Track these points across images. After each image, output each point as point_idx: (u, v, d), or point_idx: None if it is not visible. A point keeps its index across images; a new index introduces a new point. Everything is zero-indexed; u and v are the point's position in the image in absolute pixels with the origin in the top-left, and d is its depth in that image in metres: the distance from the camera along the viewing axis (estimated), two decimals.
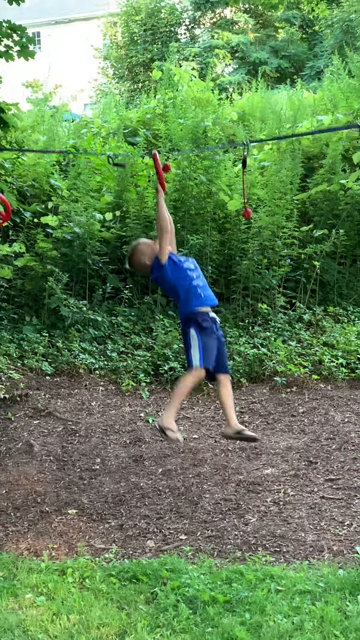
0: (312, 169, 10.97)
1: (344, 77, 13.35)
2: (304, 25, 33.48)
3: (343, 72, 13.66)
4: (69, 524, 5.60)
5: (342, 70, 13.75)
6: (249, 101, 13.93)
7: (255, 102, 13.69)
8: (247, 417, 7.72)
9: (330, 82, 13.93)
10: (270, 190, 9.99)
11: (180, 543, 5.29)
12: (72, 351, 8.81)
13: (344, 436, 7.06)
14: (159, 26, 31.16)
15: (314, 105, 12.68)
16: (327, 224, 10.33)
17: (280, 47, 31.67)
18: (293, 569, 4.79)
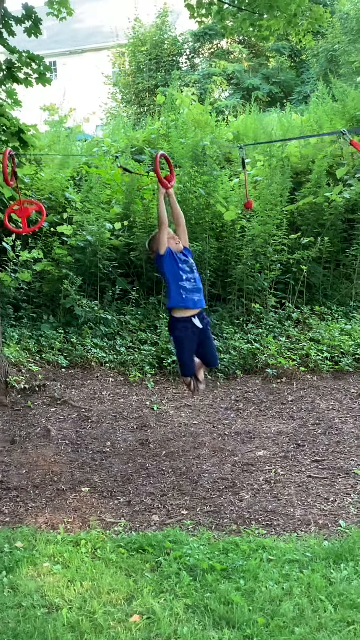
0: (300, 183, 10.94)
1: (328, 101, 13.31)
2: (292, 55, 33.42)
3: (327, 97, 13.63)
4: (82, 500, 5.59)
5: (327, 95, 13.72)
6: (243, 122, 13.88)
7: (249, 123, 13.63)
8: (242, 405, 7.70)
9: (316, 105, 13.90)
10: (262, 202, 9.96)
11: (182, 517, 5.28)
12: (85, 346, 8.80)
13: (329, 422, 7.06)
14: (163, 56, 31.08)
15: (301, 126, 12.63)
16: (313, 232, 10.31)
17: (271, 74, 31.61)
18: (283, 541, 4.79)
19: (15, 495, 5.67)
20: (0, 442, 6.70)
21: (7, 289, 9.27)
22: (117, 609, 3.99)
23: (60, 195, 10.44)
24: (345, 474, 5.88)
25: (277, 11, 9.43)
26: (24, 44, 9.15)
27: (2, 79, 8.86)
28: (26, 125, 9.30)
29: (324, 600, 3.98)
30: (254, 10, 9.51)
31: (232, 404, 7.78)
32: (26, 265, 9.61)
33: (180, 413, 7.52)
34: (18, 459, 6.33)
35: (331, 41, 27.38)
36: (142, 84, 30.26)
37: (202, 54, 33.77)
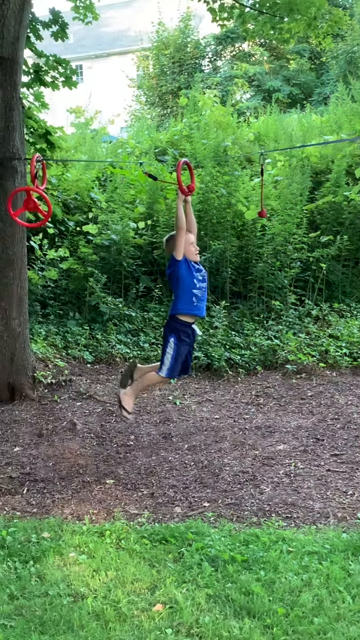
0: (320, 182, 10.89)
1: (348, 102, 13.25)
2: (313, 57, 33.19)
3: (347, 98, 13.56)
4: (107, 492, 5.60)
5: (346, 96, 13.65)
6: (264, 124, 13.85)
7: (270, 124, 13.61)
8: (262, 400, 7.68)
9: (336, 106, 13.84)
10: (283, 201, 9.93)
11: (204, 509, 5.28)
12: (110, 342, 8.82)
13: (348, 417, 7.02)
14: (186, 59, 31.03)
15: (321, 126, 12.59)
16: (333, 231, 10.25)
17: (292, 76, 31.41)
18: (302, 533, 4.76)
19: (43, 487, 5.70)
20: (28, 436, 6.73)
21: (35, 286, 9.31)
22: (141, 599, 4.00)
23: (86, 196, 10.47)
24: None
25: (298, 14, 9.38)
26: (51, 48, 9.20)
27: (30, 82, 8.92)
28: (53, 127, 9.35)
29: (342, 592, 3.96)
30: (275, 14, 9.47)
31: (253, 399, 7.76)
32: (53, 263, 9.65)
33: (202, 408, 7.52)
34: (45, 451, 6.36)
35: (351, 43, 27.14)
36: (166, 86, 30.23)
37: (224, 57, 33.65)
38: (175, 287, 5.73)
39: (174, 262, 5.61)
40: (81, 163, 11.14)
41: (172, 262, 5.66)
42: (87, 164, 11.16)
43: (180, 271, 5.59)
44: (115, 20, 43.33)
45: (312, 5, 9.18)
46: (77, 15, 10.41)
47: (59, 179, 10.61)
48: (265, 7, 9.46)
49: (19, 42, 6.84)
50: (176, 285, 5.69)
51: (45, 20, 9.08)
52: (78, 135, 13.50)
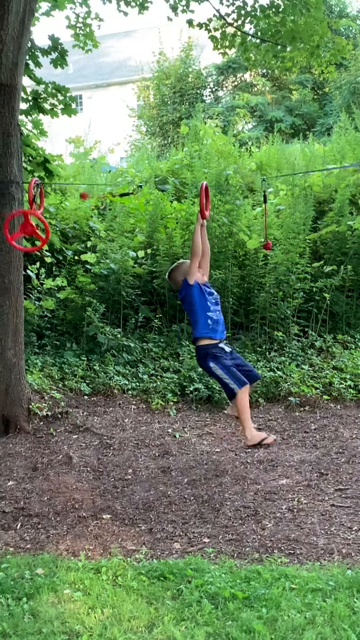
0: (323, 212, 10.96)
1: (351, 131, 13.39)
2: (315, 87, 33.63)
3: (350, 127, 13.71)
4: (104, 528, 5.55)
5: (350, 126, 13.80)
6: (266, 153, 13.98)
7: (272, 154, 13.73)
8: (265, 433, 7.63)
9: (339, 135, 13.98)
10: (285, 230, 9.98)
11: (204, 545, 5.23)
12: (108, 373, 8.80)
13: (352, 450, 6.98)
14: (187, 89, 31.41)
15: (324, 156, 12.70)
16: (336, 261, 10.28)
17: (294, 106, 31.79)
18: (306, 569, 4.71)
19: (37, 522, 5.64)
20: (23, 469, 6.68)
21: (31, 316, 9.33)
22: (138, 637, 3.94)
23: (84, 224, 10.54)
24: None
25: (300, 43, 9.52)
26: (51, 78, 9.34)
27: (28, 110, 9.02)
28: (52, 156, 9.44)
29: (347, 630, 3.90)
30: (277, 42, 9.61)
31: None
32: (50, 293, 9.67)
33: (202, 441, 7.48)
34: (40, 485, 6.31)
35: (354, 74, 27.52)
36: (167, 116, 30.58)
37: (225, 87, 34.10)
38: (189, 312, 5.91)
39: (186, 286, 5.73)
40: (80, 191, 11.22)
41: (184, 287, 5.78)
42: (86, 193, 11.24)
43: (193, 294, 5.72)
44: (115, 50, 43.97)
45: (314, 34, 9.33)
46: (77, 43, 10.57)
47: (57, 208, 10.69)
48: (268, 35, 9.61)
49: (17, 68, 6.93)
50: (190, 309, 5.84)
51: (44, 47, 9.21)
52: (77, 165, 13.62)
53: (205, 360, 6.03)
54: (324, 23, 9.22)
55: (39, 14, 9.59)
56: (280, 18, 9.33)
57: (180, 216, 10.22)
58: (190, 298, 5.78)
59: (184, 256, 9.76)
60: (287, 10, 9.17)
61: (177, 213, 10.31)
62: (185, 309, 6.19)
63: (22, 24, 6.86)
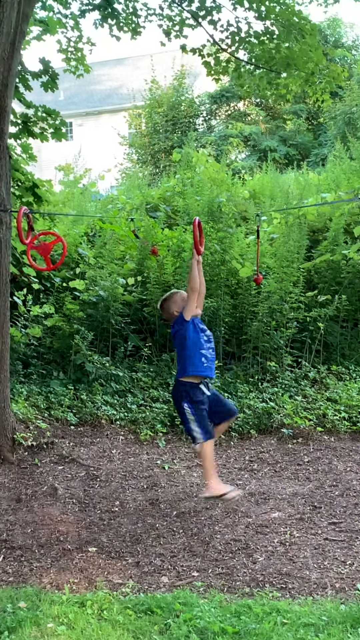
0: (317, 241, 11.04)
1: (346, 160, 13.54)
2: (310, 117, 34.07)
3: (345, 156, 13.87)
4: (89, 561, 5.50)
5: (344, 155, 13.96)
6: (260, 181, 14.11)
7: (265, 182, 13.86)
8: (256, 466, 7.62)
9: (333, 165, 14.14)
10: (279, 259, 10.05)
11: (193, 579, 5.19)
12: (95, 403, 8.78)
13: (346, 483, 6.97)
14: (179, 117, 31.74)
15: (318, 184, 12.83)
16: (331, 290, 10.34)
17: (288, 136, 32.17)
18: (298, 604, 4.68)
19: (20, 555, 5.59)
20: (6, 501, 6.63)
21: (17, 344, 9.31)
22: None
23: (73, 251, 10.57)
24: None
25: (295, 69, 9.67)
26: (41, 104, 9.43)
27: (17, 133, 9.09)
28: (41, 181, 9.50)
29: None
30: (271, 69, 9.76)
31: (246, 464, 7.70)
32: (37, 320, 9.68)
33: (192, 473, 7.45)
34: (23, 517, 6.26)
35: (349, 104, 27.90)
36: (158, 144, 30.85)
37: (219, 116, 34.48)
38: (181, 348, 5.84)
39: (182, 322, 5.72)
40: (69, 218, 11.29)
41: (179, 322, 5.77)
42: (76, 219, 11.31)
43: (187, 331, 5.72)
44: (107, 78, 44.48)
45: (309, 61, 9.48)
46: (69, 67, 10.70)
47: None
48: (262, 61, 9.76)
49: (7, 90, 7.01)
50: (182, 346, 5.80)
51: (35, 71, 9.32)
52: (66, 192, 13.70)
53: (181, 399, 6.01)
54: (319, 50, 9.38)
55: (29, 38, 9.73)
56: (274, 44, 9.48)
57: (172, 243, 10.27)
58: (184, 334, 5.77)
59: (175, 284, 9.81)
60: (281, 36, 9.32)
61: (168, 240, 10.37)
62: (176, 344, 6.10)
63: (12, 46, 6.95)
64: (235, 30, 9.65)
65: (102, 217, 11.21)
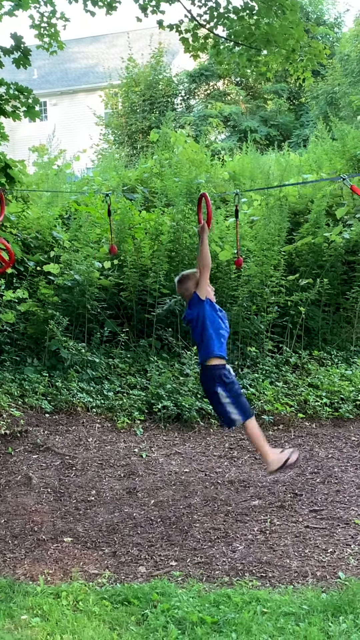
0: (298, 223, 11.04)
1: (328, 141, 13.54)
2: (291, 97, 34.01)
3: (327, 136, 13.86)
4: (64, 551, 5.50)
5: (326, 135, 13.95)
6: (239, 162, 14.08)
7: (245, 163, 13.83)
8: (236, 453, 7.66)
9: (315, 145, 14.14)
10: (259, 242, 10.04)
11: (171, 569, 5.20)
12: (71, 390, 8.75)
13: (328, 470, 7.01)
14: (157, 97, 31.55)
15: (299, 165, 12.83)
16: (312, 274, 10.36)
17: (269, 116, 32.11)
18: (278, 593, 4.71)
19: None
20: None
21: None
22: None
23: (47, 234, 10.50)
24: (345, 524, 5.82)
25: (275, 46, 9.61)
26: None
27: None
28: (13, 161, 9.38)
29: None
30: (251, 45, 9.69)
31: (226, 451, 7.73)
32: (10, 305, 9.61)
33: (170, 461, 7.46)
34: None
35: (331, 83, 27.91)
36: (136, 125, 30.67)
37: (198, 96, 34.33)
38: (202, 330, 5.62)
39: (198, 303, 5.57)
40: (43, 200, 11.20)
41: (194, 302, 5.60)
42: (50, 201, 11.22)
43: (206, 312, 5.59)
44: (83, 56, 44.09)
45: (290, 37, 9.42)
46: (42, 44, 10.57)
47: (19, 217, 10.64)
48: (241, 38, 9.69)
49: None
50: (203, 328, 5.61)
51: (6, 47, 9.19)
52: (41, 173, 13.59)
53: (214, 384, 5.68)
54: (300, 26, 9.33)
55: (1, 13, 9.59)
56: (254, 20, 9.41)
57: (149, 226, 10.23)
58: (203, 315, 5.62)
59: (153, 268, 9.78)
60: (261, 12, 9.26)
61: (145, 223, 10.32)
62: (195, 327, 5.85)
63: None
64: (213, 5, 9.57)
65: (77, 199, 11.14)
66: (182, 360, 9.37)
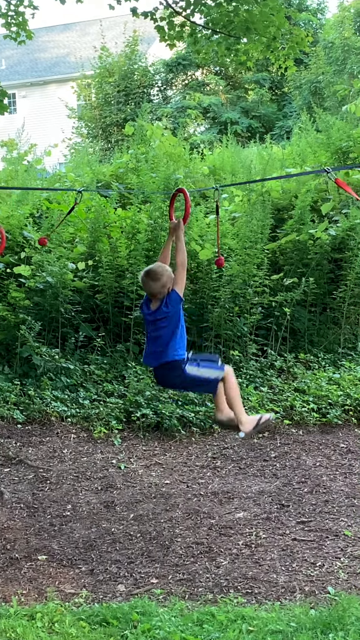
0: (282, 219, 11.07)
1: (312, 133, 13.59)
2: (273, 87, 34.13)
3: (311, 128, 13.91)
4: (39, 570, 5.49)
5: (310, 127, 14.01)
6: (220, 156, 14.11)
7: (226, 157, 13.86)
8: (220, 463, 7.66)
9: (299, 137, 14.18)
10: (241, 240, 10.06)
11: (151, 587, 5.21)
12: (44, 399, 8.72)
13: (316, 479, 7.03)
14: (132, 87, 31.57)
15: (283, 159, 12.86)
16: (297, 273, 10.39)
17: (251, 107, 32.21)
18: (265, 610, 4.72)
19: None
20: None
21: None
22: None
23: (17, 234, 10.45)
24: (334, 536, 5.85)
25: (255, 34, 9.66)
26: None
27: None
28: None
29: None
30: (230, 33, 9.74)
31: (209, 461, 7.73)
32: None
33: (150, 472, 7.46)
34: None
35: (315, 72, 28.05)
36: (110, 117, 30.66)
37: (175, 86, 34.39)
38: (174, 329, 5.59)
39: (178, 301, 5.55)
40: (12, 198, 11.17)
41: (175, 301, 5.57)
42: (20, 199, 11.18)
43: (181, 312, 5.59)
44: (53, 45, 44.01)
45: (271, 25, 9.47)
46: (9, 33, 10.57)
47: None
48: (219, 26, 9.73)
49: None
50: (177, 327, 5.59)
51: None
52: (9, 169, 13.54)
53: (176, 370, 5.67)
54: (281, 13, 9.38)
55: None
56: (233, 7, 9.45)
57: (126, 224, 10.22)
58: (179, 315, 5.62)
59: (130, 268, 9.77)
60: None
61: (121, 221, 10.31)
62: (166, 325, 5.76)
63: None
64: None
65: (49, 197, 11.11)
66: None
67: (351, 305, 10.54)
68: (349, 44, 27.01)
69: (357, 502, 6.53)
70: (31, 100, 40.69)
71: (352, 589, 5.02)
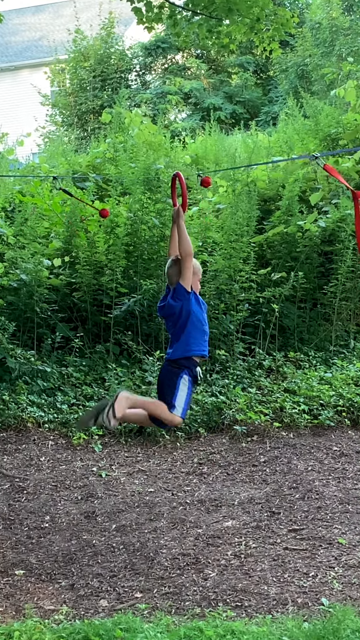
0: (269, 211, 11.09)
1: (299, 119, 13.62)
2: (258, 71, 34.18)
3: (298, 114, 13.95)
4: (16, 586, 5.48)
5: (297, 112, 14.04)
6: (202, 144, 14.15)
7: (209, 145, 13.90)
8: (206, 469, 7.67)
9: (285, 124, 14.22)
10: (226, 233, 10.08)
11: (136, 601, 5.21)
12: (20, 404, 8.70)
13: (308, 485, 7.05)
14: (109, 72, 31.50)
15: (269, 147, 12.90)
16: (286, 267, 10.42)
17: (235, 92, 32.21)
18: (255, 624, 4.73)
19: None
20: None
21: None
22: None
23: None
24: (327, 544, 5.87)
25: (238, 16, 9.67)
26: None
27: None
28: None
29: None
30: (211, 15, 9.75)
31: (195, 467, 7.74)
32: None
33: (133, 480, 7.46)
34: None
35: (302, 54, 28.07)
36: (86, 104, 30.58)
37: (154, 71, 34.35)
38: (184, 324, 5.58)
39: (183, 294, 5.52)
40: None
41: (180, 294, 5.54)
42: None
43: (191, 305, 5.55)
44: (25, 28, 43.87)
45: (254, 5, 9.49)
46: None
47: None
48: (200, 7, 9.74)
49: None
50: (185, 322, 5.56)
51: None
52: None
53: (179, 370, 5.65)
54: None
55: None
56: None
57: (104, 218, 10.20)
58: (188, 309, 5.59)
59: (109, 264, 9.77)
60: None
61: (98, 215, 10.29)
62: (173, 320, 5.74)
63: None
64: None
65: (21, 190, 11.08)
66: (144, 366, 9.36)
67: (343, 300, 10.57)
68: (337, 25, 27.00)
69: (351, 508, 6.56)
70: (2, 86, 40.49)
71: (347, 600, 5.04)
